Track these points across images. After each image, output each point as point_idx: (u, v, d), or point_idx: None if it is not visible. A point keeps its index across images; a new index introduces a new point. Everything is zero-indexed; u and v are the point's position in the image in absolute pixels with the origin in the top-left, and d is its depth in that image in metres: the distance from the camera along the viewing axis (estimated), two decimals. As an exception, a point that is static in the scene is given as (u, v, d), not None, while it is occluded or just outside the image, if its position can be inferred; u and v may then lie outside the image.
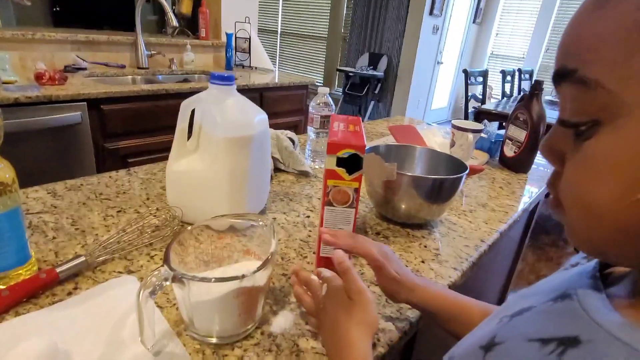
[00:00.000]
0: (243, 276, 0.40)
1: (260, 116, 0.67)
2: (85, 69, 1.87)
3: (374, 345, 0.47)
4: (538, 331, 0.26)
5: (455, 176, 0.69)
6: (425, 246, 0.70)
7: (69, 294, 0.50)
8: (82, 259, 0.53)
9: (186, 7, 2.55)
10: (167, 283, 0.40)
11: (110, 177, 0.84)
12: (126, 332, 0.45)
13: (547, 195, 0.54)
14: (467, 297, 0.50)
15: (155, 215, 0.69)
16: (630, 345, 0.21)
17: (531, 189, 1.03)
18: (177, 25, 1.99)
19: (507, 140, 1.15)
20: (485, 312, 0.49)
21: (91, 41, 1.95)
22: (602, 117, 0.22)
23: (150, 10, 3.67)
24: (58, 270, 0.51)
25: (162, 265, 0.41)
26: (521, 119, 1.10)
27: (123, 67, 2.03)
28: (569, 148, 0.25)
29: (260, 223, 0.51)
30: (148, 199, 0.77)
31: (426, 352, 0.73)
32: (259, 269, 0.42)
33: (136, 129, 1.65)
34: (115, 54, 2.06)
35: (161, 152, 1.72)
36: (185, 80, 2.21)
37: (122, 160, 1.63)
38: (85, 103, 1.46)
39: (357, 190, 0.53)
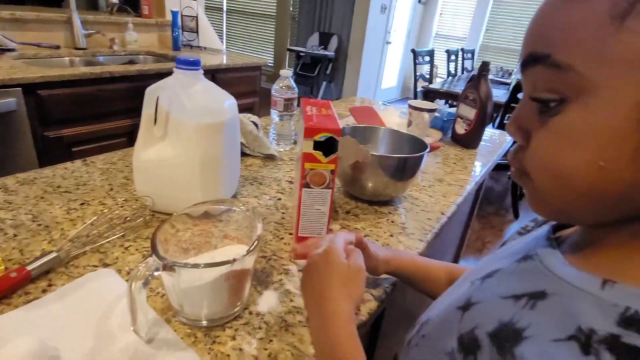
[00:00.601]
0: (234, 260, 0.42)
1: (229, 101, 0.66)
2: (13, 50, 1.69)
3: (355, 314, 0.51)
4: (509, 289, 0.30)
5: (418, 154, 0.74)
6: (393, 221, 0.75)
7: (44, 291, 0.48)
8: (54, 254, 0.51)
9: (125, -18, 2.37)
10: (158, 273, 0.40)
11: (65, 168, 0.80)
12: (114, 323, 0.45)
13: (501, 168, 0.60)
14: (434, 260, 0.57)
15: (122, 207, 0.67)
16: (589, 292, 0.25)
17: (481, 164, 1.12)
18: (117, 1, 1.85)
19: (458, 119, 1.23)
20: (450, 271, 0.55)
21: (18, 19, 1.76)
22: (570, 95, 0.25)
23: (80, -17, 3.34)
24: (29, 267, 0.48)
25: (151, 256, 0.41)
26: (470, 97, 1.17)
27: (57, 47, 1.86)
28: (534, 125, 0.28)
29: (242, 207, 0.52)
30: (112, 189, 0.74)
31: (394, 323, 0.79)
32: (249, 251, 0.43)
33: (80, 115, 1.54)
34: (47, 33, 1.88)
35: (111, 138, 1.62)
36: (131, 62, 2.08)
37: (67, 149, 1.51)
38: (20, 89, 1.33)
39: (333, 172, 0.56)
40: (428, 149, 0.77)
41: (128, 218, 0.64)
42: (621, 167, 0.24)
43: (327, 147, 0.54)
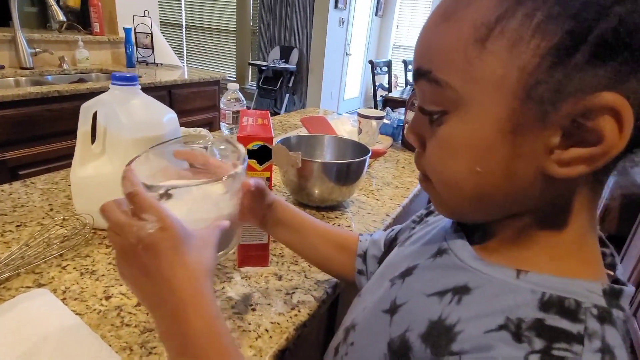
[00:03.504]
0: (236, 173, 0.38)
1: (169, 115, 0.67)
2: (-49, 71, 1.62)
3: (295, 316, 0.53)
4: (432, 286, 0.31)
5: (359, 159, 0.77)
6: (339, 225, 0.77)
7: (-30, 316, 0.47)
8: (-18, 278, 0.50)
9: (73, 0, 2.32)
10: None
11: (2, 190, 0.77)
12: (47, 347, 0.44)
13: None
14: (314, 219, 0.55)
15: (62, 226, 0.66)
16: (508, 282, 0.27)
17: (428, 166, 1.17)
18: (64, 19, 1.81)
19: (407, 125, 1.29)
20: (336, 235, 0.55)
21: (-44, 39, 1.69)
22: (449, 108, 0.28)
23: (27, 0, 3.22)
24: (-47, 293, 0.47)
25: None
26: (416, 104, 1.23)
27: (2, 67, 1.79)
28: (427, 133, 0.30)
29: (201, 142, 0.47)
30: (52, 209, 0.72)
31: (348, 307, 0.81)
32: (243, 162, 0.40)
33: (26, 137, 1.48)
34: (-11, 53, 1.81)
35: (60, 160, 1.57)
36: (81, 80, 2.02)
37: (12, 172, 1.45)
38: (-43, 111, 1.27)
39: (269, 179, 0.57)
40: (369, 154, 0.80)
41: (67, 237, 0.63)
42: (495, 173, 0.27)
43: (261, 155, 0.55)
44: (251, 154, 0.55)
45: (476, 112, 0.26)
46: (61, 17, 1.74)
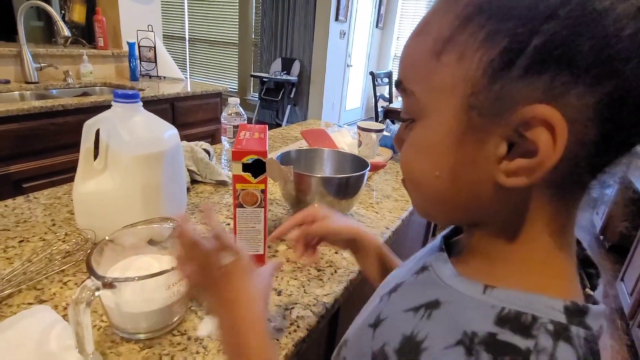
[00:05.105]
0: (173, 268, 0.44)
1: (170, 131, 0.68)
2: (-42, 86, 1.65)
3: (295, 331, 0.53)
4: (410, 302, 0.32)
5: (358, 173, 0.78)
6: (339, 239, 0.78)
7: (-28, 333, 0.47)
8: (-16, 295, 0.50)
9: (78, 15, 2.37)
10: (99, 293, 0.41)
11: (6, 206, 0.78)
12: (45, 361, 0.44)
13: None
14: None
15: (64, 241, 0.67)
16: (473, 297, 0.27)
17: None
18: (69, 34, 1.84)
19: (406, 137, 1.30)
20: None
21: (-37, 54, 1.72)
22: (415, 116, 0.30)
23: (34, 15, 3.28)
24: (-44, 310, 0.47)
25: (89, 277, 0.42)
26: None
27: (7, 82, 1.82)
28: (405, 138, 0.33)
29: (171, 224, 0.55)
30: (54, 224, 0.73)
31: (348, 324, 0.80)
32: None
33: (30, 150, 1.50)
34: (-5, 68, 1.84)
35: (63, 173, 1.58)
36: (85, 94, 2.05)
37: (16, 186, 1.47)
38: (-37, 126, 1.29)
39: (263, 192, 0.59)
40: (368, 168, 0.81)
41: (69, 252, 0.63)
42: (449, 178, 0.29)
43: (256, 168, 0.57)
44: (246, 167, 0.57)
45: (433, 120, 0.29)
46: (66, 32, 1.77)
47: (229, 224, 0.79)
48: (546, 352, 0.24)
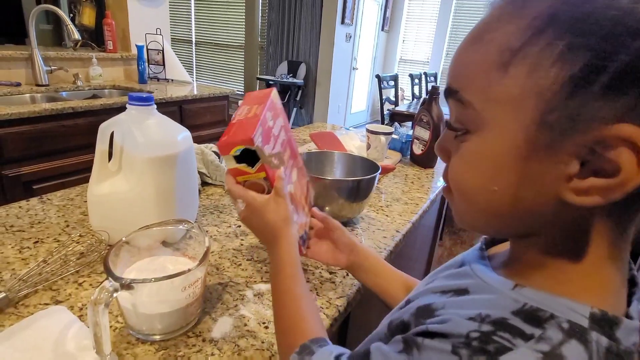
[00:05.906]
0: (189, 270, 0.45)
1: (183, 134, 0.68)
2: (-29, 88, 1.67)
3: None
4: (441, 287, 0.34)
5: (369, 176, 0.78)
6: (349, 241, 0.77)
7: (-10, 333, 0.48)
8: (2, 295, 0.51)
9: (88, 19, 2.40)
10: (117, 294, 0.42)
11: (20, 207, 0.79)
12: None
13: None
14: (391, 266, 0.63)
15: (78, 242, 0.67)
16: (501, 291, 0.29)
17: (438, 181, 1.18)
18: (80, 38, 1.86)
19: (415, 140, 1.29)
20: (405, 281, 0.59)
21: (-24, 57, 1.74)
22: (471, 127, 0.29)
23: (43, 18, 3.31)
24: (-25, 310, 0.48)
25: (106, 279, 0.42)
26: (424, 120, 1.24)
27: (18, 84, 1.85)
28: (453, 147, 0.32)
29: (185, 226, 0.56)
30: (68, 226, 0.73)
31: (359, 328, 0.80)
32: (201, 261, 0.47)
33: (41, 152, 1.51)
34: (7, 71, 1.87)
35: (73, 174, 1.60)
36: (95, 96, 2.07)
37: (27, 187, 1.48)
38: (-24, 128, 1.31)
39: (266, 179, 0.51)
40: (379, 171, 0.81)
41: (83, 253, 0.64)
42: (508, 193, 0.28)
43: (249, 157, 0.49)
44: (239, 159, 0.49)
45: (495, 133, 0.27)
46: (77, 35, 1.79)
47: (239, 226, 0.79)
48: (549, 343, 0.24)
